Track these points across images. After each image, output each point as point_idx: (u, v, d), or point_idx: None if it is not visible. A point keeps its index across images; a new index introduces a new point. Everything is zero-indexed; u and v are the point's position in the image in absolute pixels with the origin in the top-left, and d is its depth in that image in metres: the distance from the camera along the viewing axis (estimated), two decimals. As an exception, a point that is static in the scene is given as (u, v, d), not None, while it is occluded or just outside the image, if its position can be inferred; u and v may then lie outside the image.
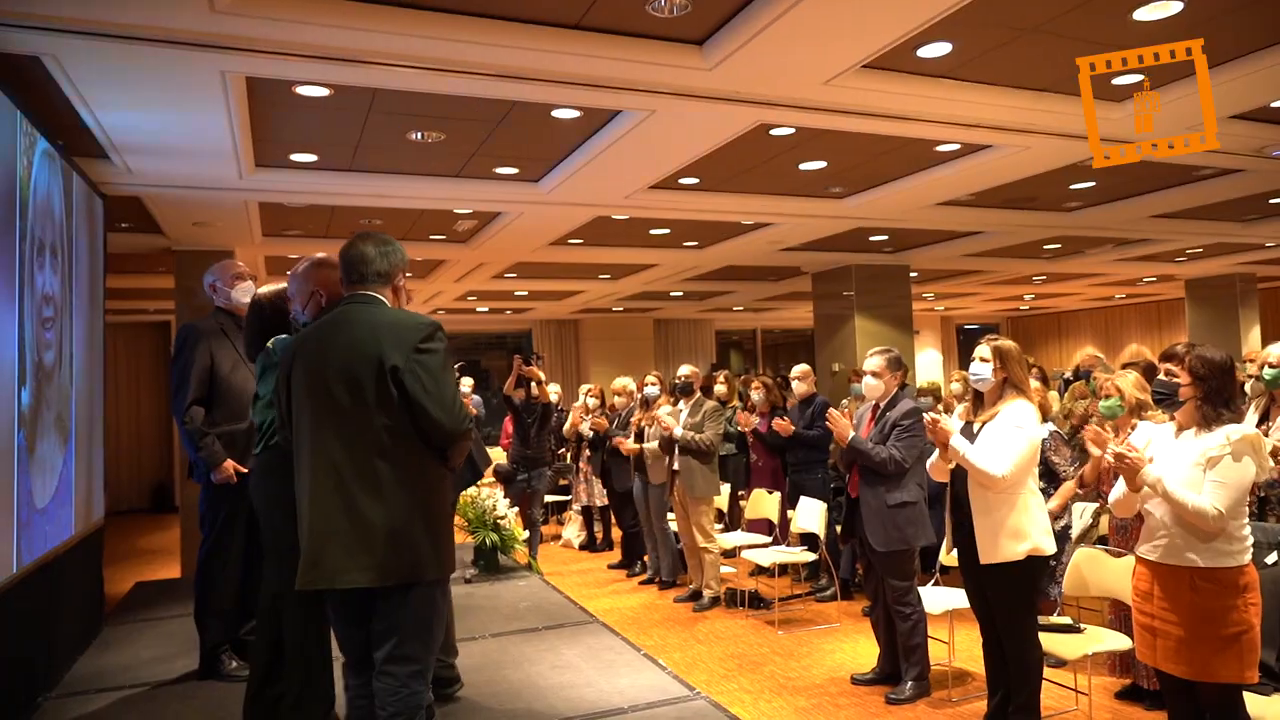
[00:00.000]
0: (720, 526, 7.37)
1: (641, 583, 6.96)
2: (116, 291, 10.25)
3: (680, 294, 13.23)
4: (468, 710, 3.74)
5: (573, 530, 8.84)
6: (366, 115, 4.81)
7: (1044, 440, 4.71)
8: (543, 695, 3.89)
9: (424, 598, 2.61)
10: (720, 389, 7.64)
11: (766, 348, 19.01)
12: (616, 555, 7.90)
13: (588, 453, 8.12)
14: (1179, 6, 3.87)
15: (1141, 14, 3.92)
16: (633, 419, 6.83)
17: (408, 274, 2.90)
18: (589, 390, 8.36)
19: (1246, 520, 2.92)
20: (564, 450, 8.92)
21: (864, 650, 5.04)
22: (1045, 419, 4.85)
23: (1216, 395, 2.91)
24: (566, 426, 8.22)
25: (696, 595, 6.26)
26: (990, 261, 11.18)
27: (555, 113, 4.80)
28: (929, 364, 18.28)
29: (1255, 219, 9.21)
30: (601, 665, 4.30)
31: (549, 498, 8.97)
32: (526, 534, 6.92)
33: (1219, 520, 2.78)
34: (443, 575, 2.68)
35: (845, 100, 4.64)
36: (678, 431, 6.06)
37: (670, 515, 6.58)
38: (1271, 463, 3.26)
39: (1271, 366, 4.06)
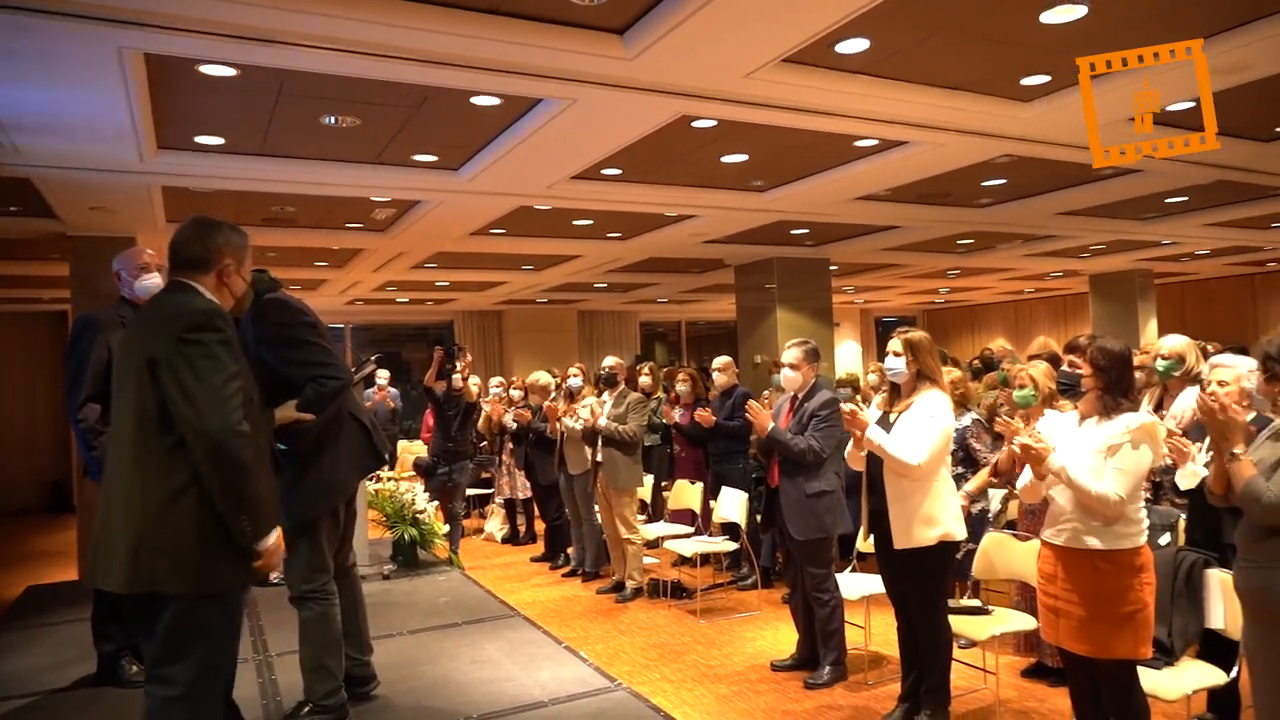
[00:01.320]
0: (643, 518, 7.39)
1: (564, 575, 6.94)
2: (8, 279, 9.69)
3: (604, 286, 13.20)
4: (383, 709, 3.66)
5: (495, 524, 8.76)
6: (277, 97, 4.63)
7: (966, 427, 4.86)
8: (461, 691, 3.84)
9: (182, 613, 2.36)
10: (645, 380, 7.65)
11: (691, 339, 19.14)
12: (539, 548, 7.86)
13: (510, 445, 8.04)
14: (1084, 10, 4.01)
15: (1048, 17, 4.05)
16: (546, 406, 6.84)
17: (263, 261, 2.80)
18: (501, 383, 8.29)
19: (1143, 504, 3.06)
20: (485, 443, 8.81)
21: (784, 637, 5.12)
22: (967, 406, 5.00)
23: (1116, 385, 3.04)
24: (480, 421, 8.11)
25: (619, 586, 6.27)
26: (907, 256, 11.48)
27: (475, 100, 4.71)
28: (849, 355, 18.69)
29: (1153, 217, 9.67)
30: (522, 659, 4.26)
31: (471, 491, 8.86)
32: (447, 528, 6.81)
33: (1119, 505, 2.90)
34: (201, 590, 2.37)
35: (766, 94, 4.68)
36: (601, 422, 6.05)
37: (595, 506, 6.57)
38: (1164, 450, 3.43)
39: (1164, 358, 4.25)
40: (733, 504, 5.80)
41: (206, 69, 4.15)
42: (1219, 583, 3.24)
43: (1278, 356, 2.40)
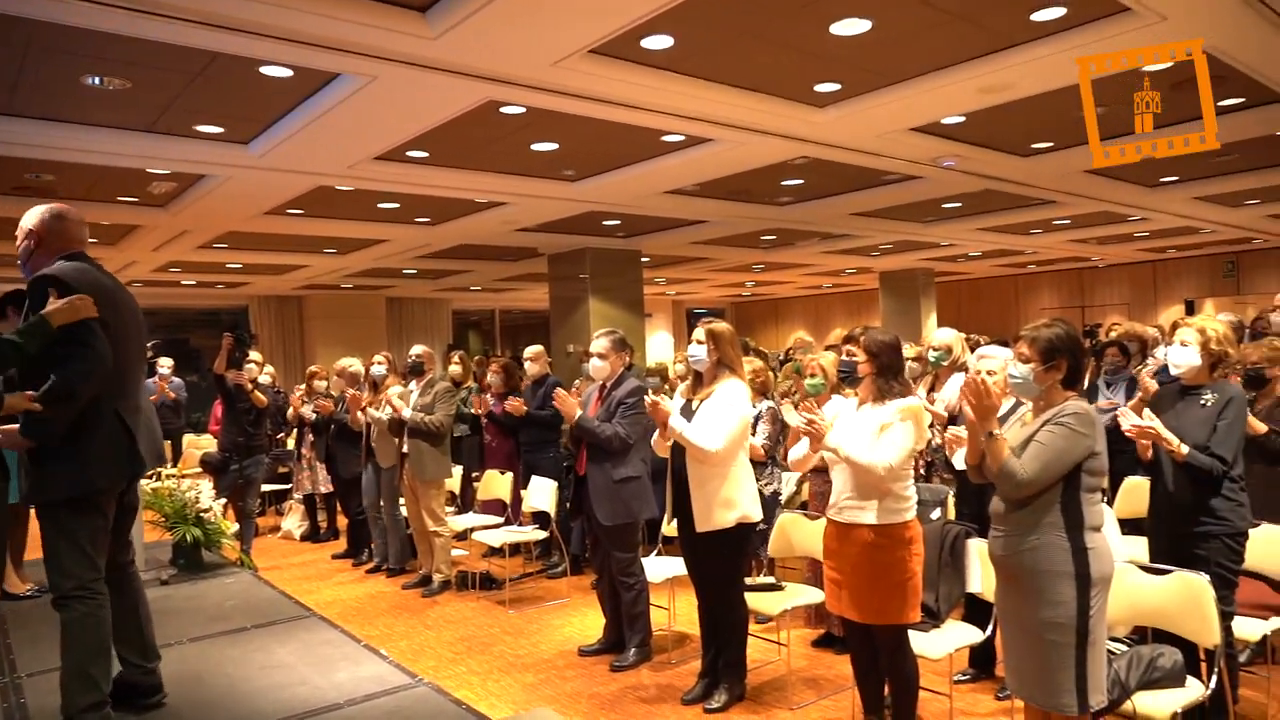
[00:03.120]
0: (453, 509, 7.24)
1: (369, 571, 6.68)
2: None
3: (414, 272, 12.80)
4: (159, 725, 3.36)
5: (293, 521, 8.27)
6: (25, 50, 4.11)
7: (761, 411, 5.07)
8: (249, 699, 3.60)
9: None
10: (455, 369, 7.48)
11: (506, 328, 18.95)
12: (342, 545, 7.51)
13: (311, 438, 7.63)
14: (868, 25, 4.29)
15: (837, 29, 4.31)
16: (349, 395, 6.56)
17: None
18: (316, 372, 7.85)
19: (911, 482, 3.33)
20: (283, 435, 8.32)
21: (592, 622, 5.18)
22: (767, 395, 5.24)
23: (887, 370, 3.30)
24: (290, 411, 7.66)
25: (426, 580, 6.11)
26: (715, 249, 11.91)
27: (265, 70, 4.41)
28: (660, 345, 19.18)
29: (933, 220, 10.55)
30: (317, 661, 4.05)
31: (267, 487, 8.33)
32: (236, 527, 6.36)
33: (889, 474, 3.16)
34: None
35: (573, 84, 4.69)
36: (406, 413, 5.86)
37: (400, 500, 6.36)
38: (930, 432, 3.76)
39: (934, 349, 4.66)
40: (543, 493, 5.80)
41: (-65, 12, 3.64)
42: (978, 551, 3.59)
43: (1060, 347, 2.68)
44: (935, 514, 4.35)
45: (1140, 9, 4.09)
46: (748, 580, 4.26)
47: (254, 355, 6.68)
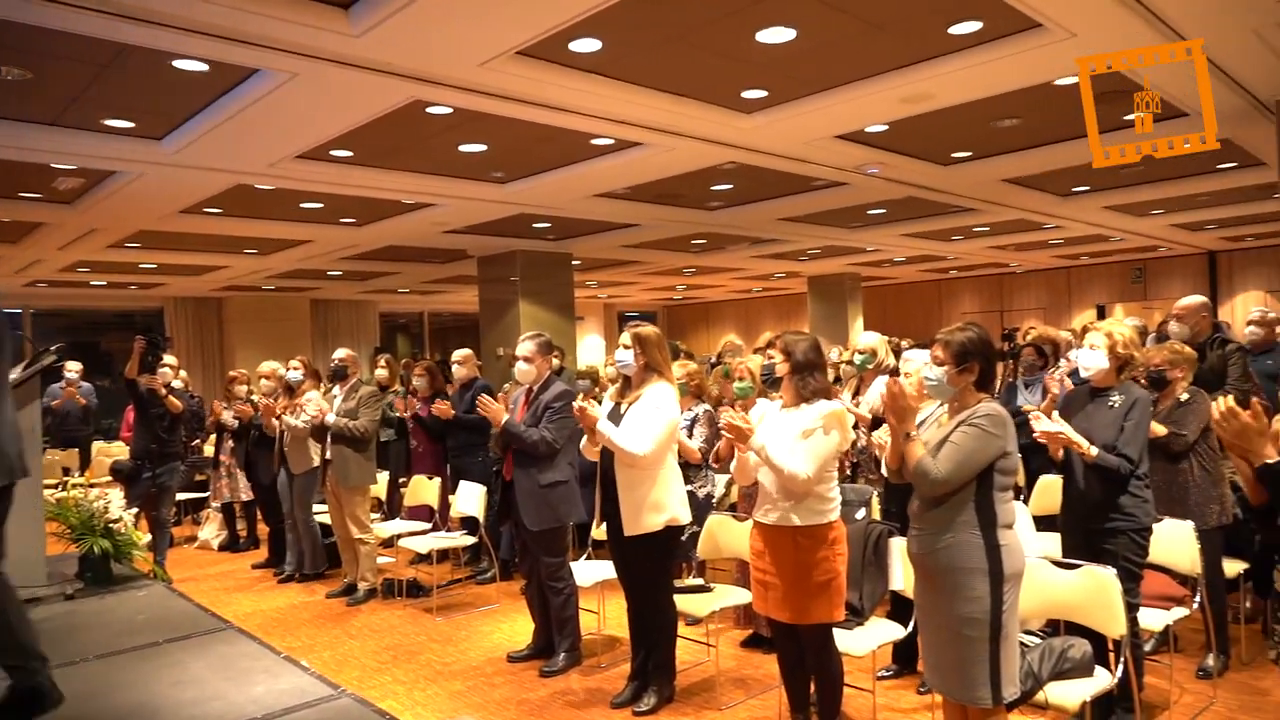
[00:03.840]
0: (379, 515, 7.10)
1: (283, 580, 6.49)
2: None
3: (339, 273, 12.52)
4: (61, 748, 3.20)
5: (211, 530, 8.00)
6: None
7: (698, 414, 5.10)
8: (157, 716, 3.45)
9: None
10: (381, 373, 7.35)
11: (435, 331, 18.68)
12: (263, 554, 7.29)
13: (230, 444, 7.39)
14: (793, 34, 4.36)
15: (763, 36, 4.36)
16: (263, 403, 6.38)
17: None
18: (237, 377, 7.59)
19: (835, 483, 3.39)
20: (199, 441, 8.03)
21: (522, 628, 5.14)
22: (702, 398, 5.27)
23: (804, 368, 3.34)
24: (209, 418, 7.40)
25: (350, 589, 5.98)
26: (646, 253, 11.94)
27: (178, 64, 4.25)
28: (592, 349, 19.15)
29: (859, 226, 10.77)
30: (233, 675, 3.91)
31: (183, 495, 8.04)
32: (149, 537, 6.11)
33: (807, 483, 3.20)
34: None
35: (501, 85, 4.64)
36: (329, 418, 5.72)
37: (323, 507, 6.21)
38: (853, 434, 3.83)
39: (859, 353, 4.76)
40: (471, 498, 5.73)
41: None
42: (900, 550, 3.67)
43: (973, 350, 2.75)
44: (860, 514, 4.44)
45: (1051, 25, 4.24)
46: (677, 583, 4.28)
47: (169, 359, 6.44)
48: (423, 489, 6.25)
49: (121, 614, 4.98)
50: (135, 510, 5.94)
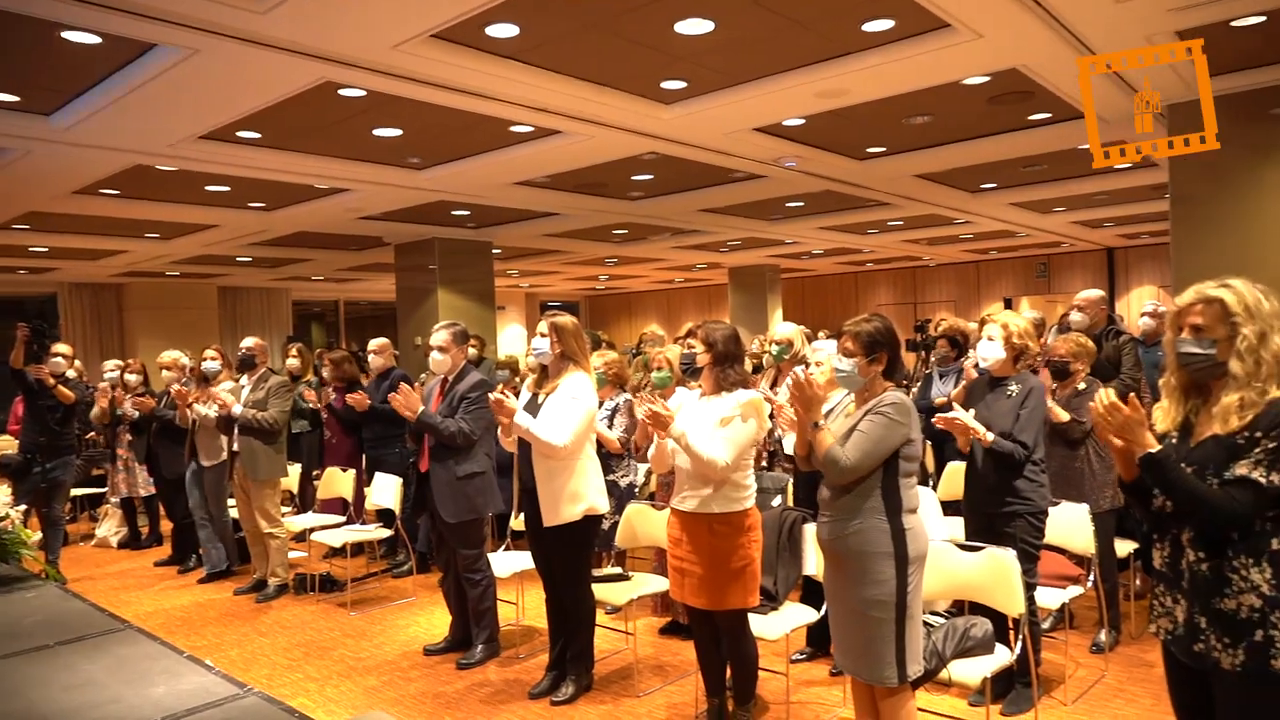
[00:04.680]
0: (290, 509, 6.91)
1: (200, 580, 6.26)
2: None
3: (249, 260, 12.09)
4: (-60, 760, 3.02)
5: (109, 527, 7.65)
6: None
7: (618, 404, 5.10)
8: (50, 724, 3.29)
9: None
10: (293, 363, 7.13)
11: (351, 320, 18.23)
12: (166, 551, 7.01)
13: (129, 437, 7.07)
14: (711, 25, 4.38)
15: (681, 27, 4.37)
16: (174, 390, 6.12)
17: None
18: (127, 365, 7.24)
19: (751, 471, 3.44)
20: (95, 434, 7.66)
21: (439, 621, 5.08)
22: (623, 388, 5.27)
23: (724, 359, 3.38)
24: (95, 411, 7.03)
25: (260, 585, 5.81)
26: (568, 242, 11.88)
27: (67, 35, 4.02)
28: (513, 338, 18.98)
29: (778, 218, 10.93)
30: (131, 677, 3.73)
31: (78, 491, 7.66)
32: (40, 535, 5.82)
33: (725, 470, 3.25)
34: None
35: (415, 68, 4.54)
36: (237, 409, 5.53)
37: (231, 501, 6.01)
38: (771, 423, 3.89)
39: (776, 344, 4.83)
40: (387, 490, 5.62)
41: None
42: (812, 535, 3.75)
43: (881, 341, 2.81)
44: (776, 501, 4.52)
45: (959, 26, 4.37)
46: (596, 572, 4.29)
47: (61, 348, 6.12)
48: (337, 481, 6.10)
49: (9, 616, 4.71)
50: (24, 507, 5.63)
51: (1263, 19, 4.34)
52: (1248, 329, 2.01)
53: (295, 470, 6.51)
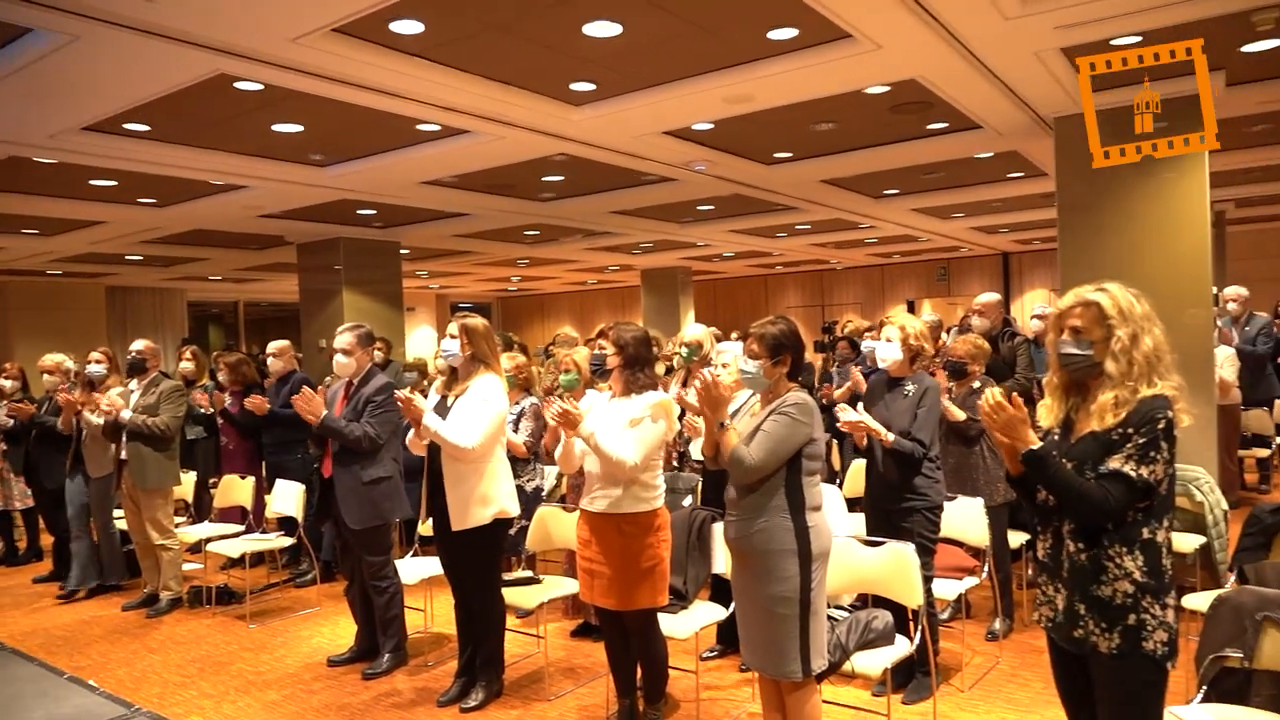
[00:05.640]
0: (185, 519, 6.63)
1: (84, 596, 5.92)
2: None
3: (140, 258, 11.52)
4: None
5: (-16, 543, 7.18)
6: None
7: (524, 408, 5.06)
8: (-87, 756, 3.07)
9: None
10: (187, 366, 6.83)
11: (252, 322, 17.59)
12: (47, 566, 6.62)
13: (4, 447, 6.64)
14: (619, 29, 4.38)
15: (589, 30, 4.36)
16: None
17: None
18: (3, 370, 6.79)
19: (660, 472, 3.46)
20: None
21: (344, 631, 4.94)
22: (530, 391, 5.22)
23: (635, 362, 3.40)
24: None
25: (152, 600, 5.54)
26: (478, 243, 11.72)
27: (-70, 15, 3.76)
28: (424, 341, 18.63)
29: (689, 221, 11.02)
30: (4, 701, 3.54)
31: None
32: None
33: (634, 470, 3.27)
34: None
35: (316, 63, 4.40)
36: (125, 415, 5.27)
37: (118, 512, 5.72)
38: (679, 424, 3.93)
39: (685, 345, 4.87)
40: (289, 496, 5.44)
41: None
42: (721, 534, 3.80)
43: (785, 343, 2.86)
44: (687, 501, 4.57)
45: (860, 37, 4.50)
46: (505, 576, 4.25)
47: None
48: (235, 489, 5.88)
49: None
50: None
51: (1139, 39, 4.60)
52: (1122, 331, 2.13)
53: (190, 478, 6.24)
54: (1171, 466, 2.09)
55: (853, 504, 4.82)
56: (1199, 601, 3.36)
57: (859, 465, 5.02)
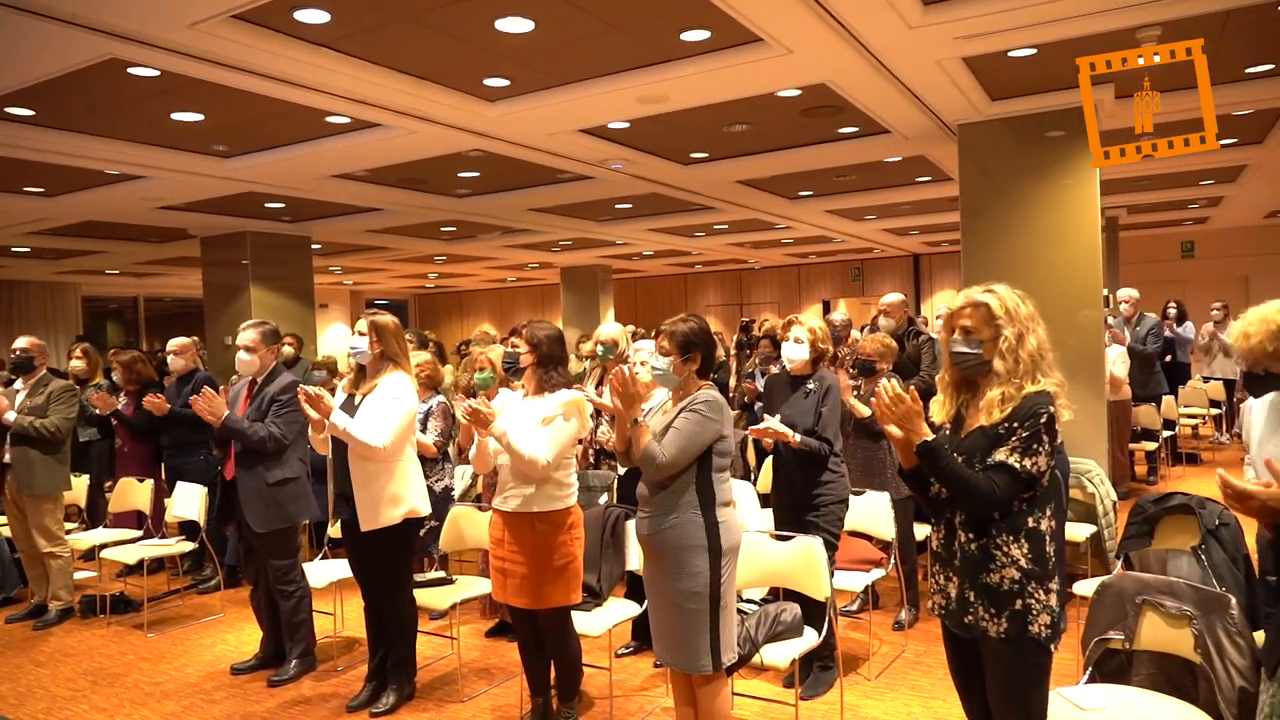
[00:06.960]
0: (76, 525, 6.31)
1: (-38, 608, 5.60)
2: None
3: (27, 250, 10.91)
4: None
5: None
6: None
7: (431, 407, 4.98)
8: None
9: None
10: (77, 365, 6.50)
11: (154, 318, 16.85)
12: (-76, 579, 6.22)
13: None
14: (531, 25, 4.35)
15: (502, 25, 4.32)
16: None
17: None
18: None
19: (573, 470, 3.46)
20: None
21: (249, 638, 4.79)
22: (437, 389, 5.14)
23: (548, 360, 3.40)
24: None
25: (40, 610, 5.26)
26: (394, 239, 11.49)
27: None
28: (337, 338, 18.16)
29: (608, 220, 11.03)
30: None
31: None
32: None
33: (546, 468, 3.26)
34: None
35: (216, 50, 4.24)
36: (10, 416, 4.99)
37: (1, 519, 5.41)
38: (591, 422, 3.93)
39: (601, 343, 4.89)
40: (190, 500, 5.24)
41: None
42: (634, 531, 3.82)
43: (695, 341, 2.89)
44: (603, 499, 4.58)
45: (771, 41, 4.58)
46: (417, 577, 4.18)
47: None
48: (131, 492, 5.63)
49: None
50: None
51: (1034, 51, 4.80)
52: (1009, 330, 2.23)
53: (82, 482, 5.94)
54: (1053, 458, 2.19)
55: (765, 500, 4.90)
56: (1088, 588, 3.53)
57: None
